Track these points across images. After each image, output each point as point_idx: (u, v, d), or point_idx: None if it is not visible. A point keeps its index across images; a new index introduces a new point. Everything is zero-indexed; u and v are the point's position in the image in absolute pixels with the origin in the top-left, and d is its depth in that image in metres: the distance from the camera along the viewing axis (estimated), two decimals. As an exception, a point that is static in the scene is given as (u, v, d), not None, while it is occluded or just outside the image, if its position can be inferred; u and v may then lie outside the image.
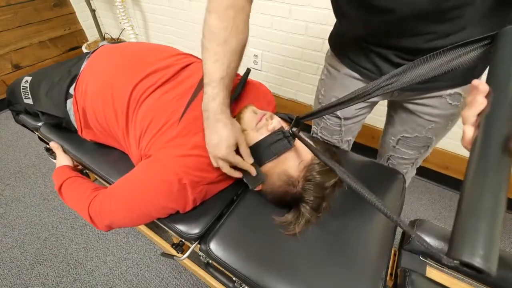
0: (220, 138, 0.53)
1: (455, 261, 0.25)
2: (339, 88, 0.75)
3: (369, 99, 0.46)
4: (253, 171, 0.58)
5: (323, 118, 0.85)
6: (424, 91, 0.63)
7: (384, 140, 0.90)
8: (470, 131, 0.31)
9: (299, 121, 0.60)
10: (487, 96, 0.30)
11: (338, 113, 0.79)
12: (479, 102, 0.30)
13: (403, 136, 0.79)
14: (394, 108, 0.79)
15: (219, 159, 0.55)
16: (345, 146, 0.93)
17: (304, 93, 1.54)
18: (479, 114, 0.30)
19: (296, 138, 0.58)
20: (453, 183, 1.38)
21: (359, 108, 0.78)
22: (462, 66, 0.36)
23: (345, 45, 0.68)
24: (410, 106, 0.70)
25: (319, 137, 0.93)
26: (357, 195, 0.71)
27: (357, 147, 1.07)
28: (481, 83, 0.31)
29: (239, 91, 0.70)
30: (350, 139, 0.91)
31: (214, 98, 0.53)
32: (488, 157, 0.27)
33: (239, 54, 0.55)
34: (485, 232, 0.25)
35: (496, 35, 0.32)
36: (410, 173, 0.91)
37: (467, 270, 0.25)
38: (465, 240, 0.25)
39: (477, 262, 0.24)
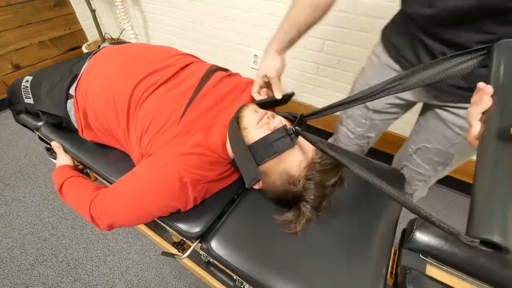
0: (275, 63, 0.68)
1: (474, 240, 0.28)
2: (375, 77, 0.74)
3: (374, 100, 0.47)
4: (278, 89, 0.69)
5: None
6: (462, 98, 0.61)
7: (403, 148, 0.87)
8: (478, 126, 0.34)
9: (303, 120, 0.60)
10: (492, 96, 0.33)
11: (368, 104, 0.78)
12: (485, 101, 0.33)
13: (424, 145, 0.76)
14: (424, 114, 0.76)
15: (264, 75, 0.69)
16: (365, 142, 0.90)
17: (304, 93, 1.54)
18: (484, 112, 0.34)
19: (298, 137, 0.58)
20: (453, 183, 1.39)
21: (389, 104, 0.76)
22: (461, 73, 0.38)
23: (395, 31, 0.67)
24: (443, 114, 0.67)
25: (343, 125, 0.92)
26: (358, 193, 0.72)
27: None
28: (486, 85, 0.34)
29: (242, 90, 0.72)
30: (372, 136, 0.89)
31: (281, 40, 0.67)
32: (496, 145, 0.30)
33: (314, 7, 0.63)
34: (501, 211, 0.27)
35: (491, 47, 0.36)
36: (419, 193, 0.88)
37: (484, 248, 0.27)
38: (483, 219, 0.28)
39: (496, 238, 0.26)
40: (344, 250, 0.62)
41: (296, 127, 0.57)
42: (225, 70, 0.80)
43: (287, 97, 0.70)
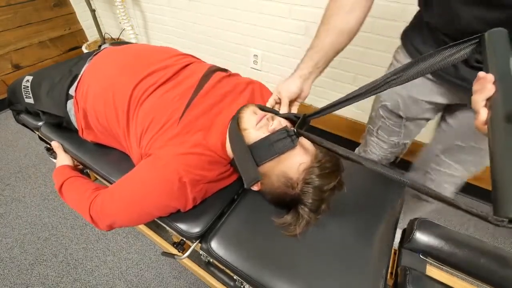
0: (291, 85, 0.67)
1: (503, 219, 0.30)
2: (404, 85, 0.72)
3: (376, 93, 0.47)
4: (284, 107, 0.68)
5: (382, 118, 0.83)
6: None
7: (426, 151, 0.83)
8: (485, 112, 0.35)
9: (306, 120, 0.59)
10: (494, 84, 0.35)
11: (401, 113, 0.77)
12: (488, 89, 0.35)
13: (456, 144, 0.71)
14: (454, 113, 0.71)
15: (278, 92, 0.69)
16: (400, 149, 0.89)
17: (304, 93, 1.54)
18: (488, 99, 0.35)
19: (299, 138, 0.57)
20: (452, 183, 1.39)
21: (424, 109, 0.74)
22: (455, 62, 0.40)
23: (420, 37, 0.65)
24: None
25: (373, 137, 0.90)
26: (358, 193, 0.72)
27: (356, 146, 1.07)
28: (487, 74, 0.35)
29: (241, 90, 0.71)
30: (408, 142, 0.87)
31: (307, 66, 0.67)
32: (506, 128, 0.32)
33: (339, 32, 0.62)
34: None
35: (482, 36, 0.39)
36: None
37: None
38: (509, 199, 0.29)
39: None
40: (344, 250, 0.62)
41: (298, 129, 0.57)
42: (225, 70, 0.80)
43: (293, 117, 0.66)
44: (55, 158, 0.86)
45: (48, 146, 1.01)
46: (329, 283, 0.57)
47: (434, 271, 0.66)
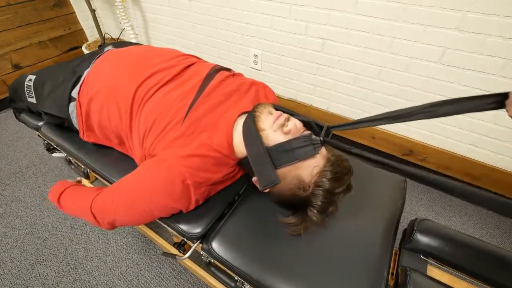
0: None
1: None
2: None
3: (407, 121, 0.48)
4: None
5: None
6: None
7: None
8: None
9: (329, 130, 0.60)
10: None
11: None
12: None
13: None
14: None
15: None
16: None
17: (304, 93, 1.54)
18: None
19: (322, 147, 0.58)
20: (452, 183, 1.38)
21: None
22: (481, 111, 0.42)
23: None
24: None
25: None
26: (360, 194, 0.72)
27: (357, 147, 1.07)
28: None
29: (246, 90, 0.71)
30: None
31: None
32: None
33: None
34: None
35: (507, 94, 0.39)
36: None
37: None
38: None
39: None
40: (345, 251, 0.62)
41: (325, 138, 0.57)
42: (228, 70, 0.80)
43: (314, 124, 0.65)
44: (53, 153, 0.85)
45: (48, 144, 1.01)
46: (330, 284, 0.57)
47: (435, 271, 0.66)
